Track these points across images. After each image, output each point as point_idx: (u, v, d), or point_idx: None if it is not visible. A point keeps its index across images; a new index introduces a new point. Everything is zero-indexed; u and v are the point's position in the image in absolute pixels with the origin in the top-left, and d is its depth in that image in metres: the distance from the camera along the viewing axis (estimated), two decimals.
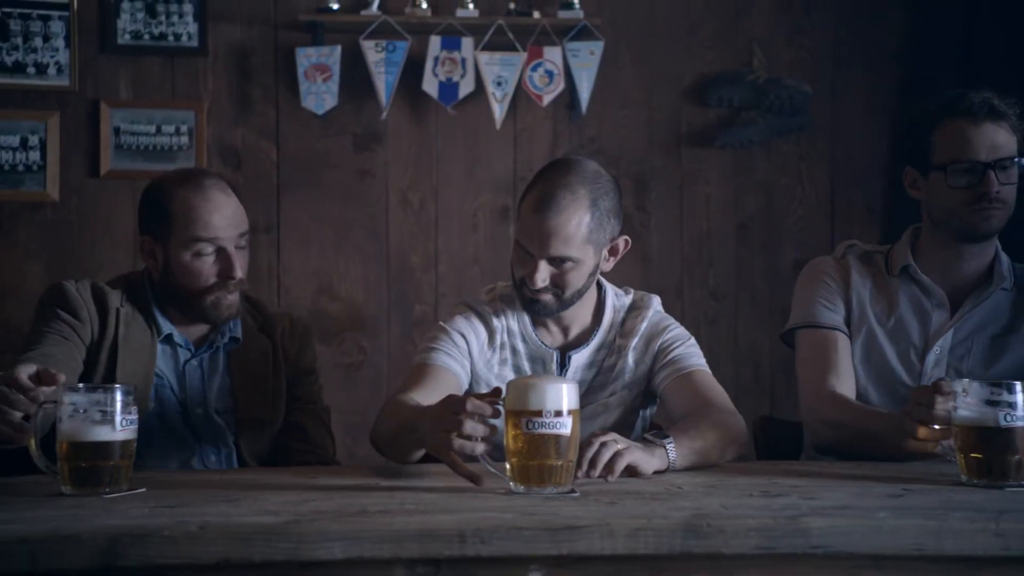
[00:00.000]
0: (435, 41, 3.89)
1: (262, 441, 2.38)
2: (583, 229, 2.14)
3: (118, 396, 1.73)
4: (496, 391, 1.77)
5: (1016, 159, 2.27)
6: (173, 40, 3.89)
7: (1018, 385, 1.77)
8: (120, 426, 1.73)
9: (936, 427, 1.91)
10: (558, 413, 1.69)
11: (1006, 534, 1.47)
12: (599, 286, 2.34)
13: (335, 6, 3.88)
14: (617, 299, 2.35)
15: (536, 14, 3.93)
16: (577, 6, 3.92)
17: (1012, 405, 1.75)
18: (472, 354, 2.25)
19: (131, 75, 3.90)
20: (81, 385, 1.81)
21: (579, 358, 2.29)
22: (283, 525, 1.46)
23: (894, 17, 4.14)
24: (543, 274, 2.17)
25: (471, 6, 3.92)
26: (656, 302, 2.37)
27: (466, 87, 3.92)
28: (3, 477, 2.05)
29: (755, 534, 1.49)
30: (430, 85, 3.90)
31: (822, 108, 4.11)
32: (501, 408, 1.73)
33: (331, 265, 3.99)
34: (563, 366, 2.29)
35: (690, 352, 2.30)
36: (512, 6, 3.94)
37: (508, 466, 1.72)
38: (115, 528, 1.44)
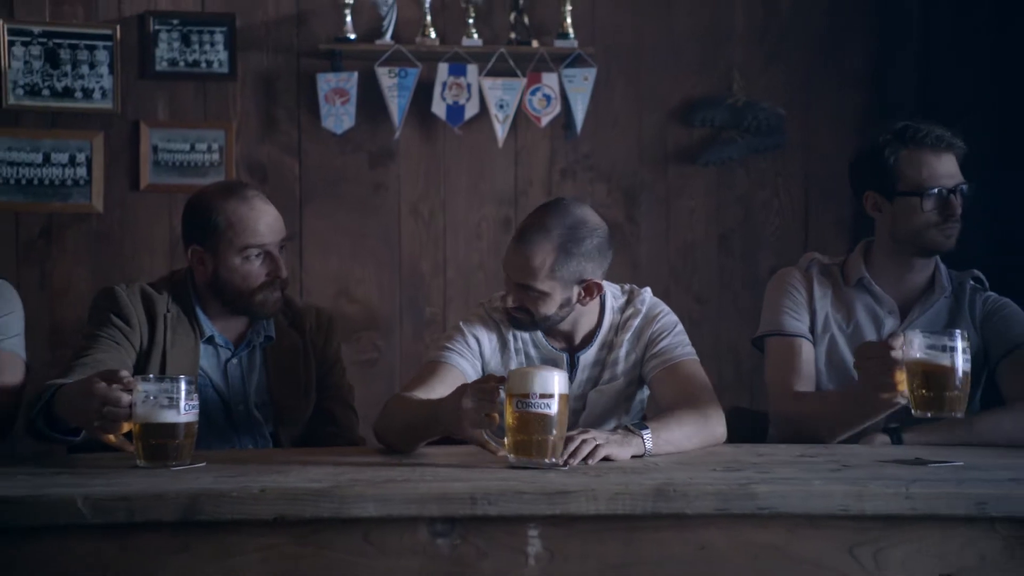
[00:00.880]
0: (443, 68, 3.92)
1: (297, 429, 2.47)
2: (547, 266, 2.23)
3: (182, 385, 1.90)
4: (501, 378, 1.94)
5: (963, 184, 2.44)
6: (205, 67, 3.92)
7: (958, 333, 1.98)
8: (184, 410, 1.90)
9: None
10: (544, 396, 1.86)
11: (914, 497, 1.67)
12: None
13: (352, 36, 3.90)
14: (615, 301, 2.41)
15: (535, 43, 3.96)
16: (572, 36, 3.96)
17: (954, 350, 1.96)
18: (483, 355, 2.34)
19: (168, 98, 3.92)
20: (151, 376, 1.98)
21: (586, 358, 2.37)
22: (327, 489, 1.65)
23: (859, 47, 4.16)
24: (512, 296, 2.30)
25: (476, 36, 3.95)
26: (646, 294, 2.42)
27: (471, 109, 3.95)
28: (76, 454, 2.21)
29: (712, 497, 1.68)
30: (438, 107, 3.94)
31: (796, 128, 4.13)
32: (502, 392, 1.89)
33: (348, 270, 4.01)
34: (573, 366, 2.37)
35: (676, 342, 2.35)
36: (513, 36, 3.97)
37: (506, 440, 1.90)
38: (193, 490, 1.64)
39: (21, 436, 2.22)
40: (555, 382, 1.89)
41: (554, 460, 1.89)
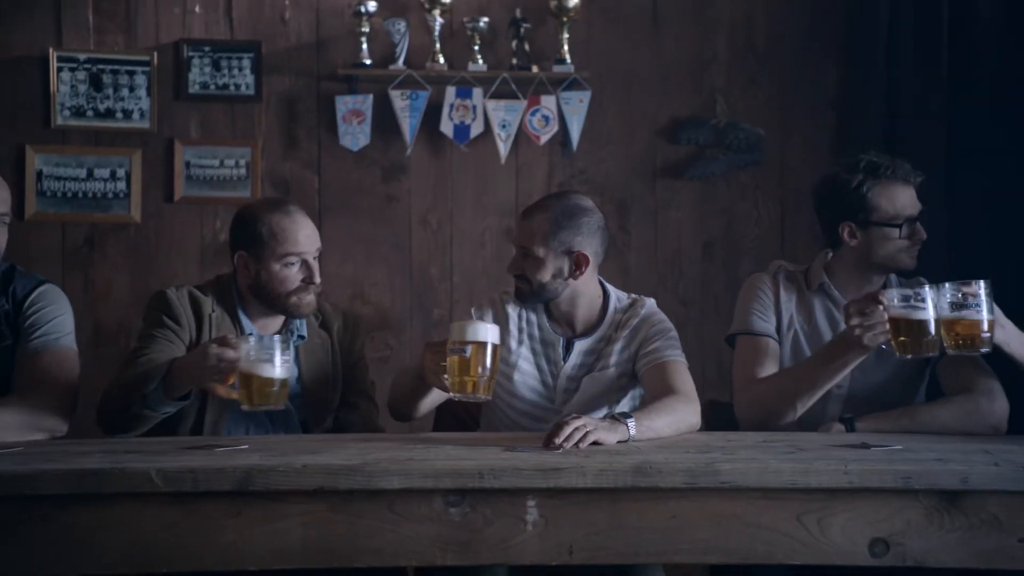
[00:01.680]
0: (451, 91, 4.01)
1: (326, 419, 2.62)
2: (541, 231, 2.45)
3: (276, 344, 2.14)
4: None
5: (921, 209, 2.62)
6: (234, 89, 4.03)
7: (926, 288, 2.23)
8: (279, 363, 2.13)
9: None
10: (462, 343, 2.14)
11: (851, 473, 1.84)
12: (604, 292, 2.56)
13: (368, 62, 3.99)
14: (619, 302, 2.56)
15: (535, 69, 4.05)
16: (569, 62, 4.04)
17: (924, 301, 2.21)
18: None
19: (200, 118, 4.03)
20: (252, 336, 2.22)
21: (581, 345, 2.52)
22: (358, 465, 1.83)
23: (831, 72, 4.23)
24: (515, 260, 2.51)
25: (481, 62, 4.04)
26: (648, 302, 2.57)
27: (476, 129, 4.04)
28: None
29: (682, 473, 1.84)
30: (446, 127, 4.03)
31: (773, 146, 4.20)
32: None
33: (363, 275, 4.09)
34: (568, 350, 2.52)
35: (668, 344, 2.47)
36: (515, 62, 4.06)
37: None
38: (246, 466, 1.82)
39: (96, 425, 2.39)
40: (468, 331, 2.16)
41: (479, 395, 2.16)
